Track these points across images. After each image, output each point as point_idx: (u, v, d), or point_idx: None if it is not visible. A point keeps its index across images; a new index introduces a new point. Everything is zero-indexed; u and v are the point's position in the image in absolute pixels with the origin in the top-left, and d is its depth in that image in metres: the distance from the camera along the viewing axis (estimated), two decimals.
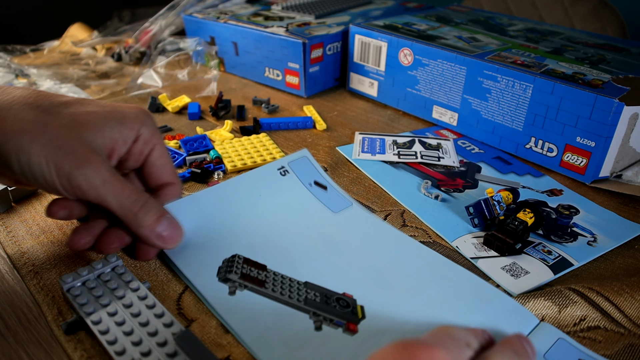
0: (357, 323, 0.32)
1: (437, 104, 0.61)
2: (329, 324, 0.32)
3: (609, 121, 0.46)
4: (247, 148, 0.55)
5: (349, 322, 0.32)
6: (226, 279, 0.34)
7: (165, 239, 0.34)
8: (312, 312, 0.32)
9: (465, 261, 0.39)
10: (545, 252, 0.40)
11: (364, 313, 0.33)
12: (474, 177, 0.51)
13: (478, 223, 0.43)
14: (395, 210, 0.45)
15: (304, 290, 0.34)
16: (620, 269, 0.39)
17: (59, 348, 0.30)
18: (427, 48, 0.60)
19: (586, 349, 0.31)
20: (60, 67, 0.81)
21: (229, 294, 0.33)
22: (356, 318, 0.32)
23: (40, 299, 0.34)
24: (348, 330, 0.31)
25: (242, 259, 0.36)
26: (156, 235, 0.34)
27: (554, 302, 0.34)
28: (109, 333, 0.30)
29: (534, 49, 0.59)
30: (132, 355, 0.28)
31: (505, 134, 0.55)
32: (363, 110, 0.67)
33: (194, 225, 0.39)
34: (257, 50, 0.72)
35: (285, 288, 0.34)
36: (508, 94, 0.54)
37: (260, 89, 0.73)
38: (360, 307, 0.33)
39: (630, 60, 0.57)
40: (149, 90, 0.72)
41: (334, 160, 0.53)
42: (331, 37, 0.68)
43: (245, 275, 0.35)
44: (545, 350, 0.31)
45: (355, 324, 0.32)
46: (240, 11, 0.80)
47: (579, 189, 0.50)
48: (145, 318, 0.31)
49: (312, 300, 0.33)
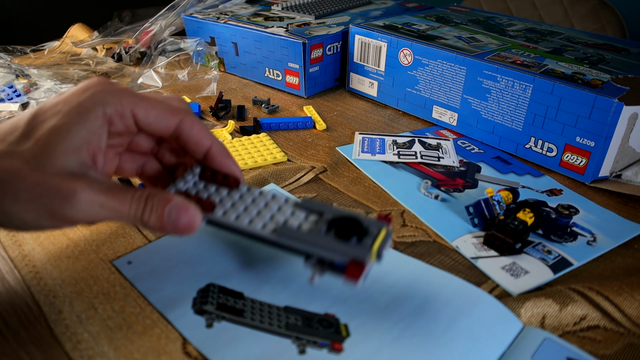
0: (342, 342, 0.31)
1: (437, 104, 0.61)
2: (313, 346, 0.31)
3: (608, 121, 0.46)
4: (248, 148, 0.55)
5: (333, 342, 0.31)
6: (202, 310, 0.33)
7: (178, 227, 0.31)
8: (295, 337, 0.31)
9: (466, 261, 0.39)
10: (545, 252, 0.40)
11: (349, 331, 0.32)
12: (473, 177, 0.51)
13: (478, 223, 0.43)
14: (395, 210, 0.45)
15: (284, 316, 0.33)
16: (620, 268, 0.39)
17: (59, 348, 0.30)
18: (427, 48, 0.60)
19: (574, 347, 0.31)
20: (61, 68, 0.81)
21: (207, 327, 0.32)
22: (340, 337, 0.31)
23: (40, 299, 0.34)
24: (333, 350, 0.30)
25: (217, 288, 0.35)
26: (169, 229, 0.31)
27: (554, 301, 0.34)
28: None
29: (533, 49, 0.59)
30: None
31: (505, 134, 0.55)
32: (363, 110, 0.67)
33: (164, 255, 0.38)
34: (257, 50, 0.72)
35: (265, 315, 0.33)
36: (508, 94, 0.54)
37: (260, 89, 0.73)
38: (344, 325, 0.32)
39: (629, 60, 0.57)
40: (149, 90, 0.72)
41: (334, 160, 0.54)
42: (331, 37, 0.68)
43: (221, 305, 0.33)
44: (533, 351, 0.30)
45: (339, 342, 0.31)
46: (240, 11, 0.80)
47: (579, 188, 0.50)
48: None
49: (293, 324, 0.32)
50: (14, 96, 0.67)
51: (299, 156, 0.55)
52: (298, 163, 0.53)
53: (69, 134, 0.30)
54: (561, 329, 0.33)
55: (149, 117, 0.33)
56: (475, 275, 0.38)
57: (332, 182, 0.50)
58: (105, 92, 0.32)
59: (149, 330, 0.32)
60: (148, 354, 0.30)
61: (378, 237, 0.30)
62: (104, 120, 0.31)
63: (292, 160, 0.54)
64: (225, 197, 0.34)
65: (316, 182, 0.50)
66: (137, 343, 0.31)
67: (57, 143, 0.29)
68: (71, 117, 0.30)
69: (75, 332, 0.31)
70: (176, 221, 0.31)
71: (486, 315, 0.33)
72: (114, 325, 0.32)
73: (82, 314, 0.33)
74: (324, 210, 0.32)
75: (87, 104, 0.31)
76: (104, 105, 0.31)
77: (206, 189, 0.35)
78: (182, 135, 0.34)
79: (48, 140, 0.29)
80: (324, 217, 0.32)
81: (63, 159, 0.29)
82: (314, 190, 0.48)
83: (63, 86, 0.71)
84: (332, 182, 0.50)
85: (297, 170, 0.51)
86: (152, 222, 0.31)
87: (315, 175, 0.51)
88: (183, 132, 0.34)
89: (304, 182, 0.49)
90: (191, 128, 0.34)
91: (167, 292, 0.34)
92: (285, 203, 0.34)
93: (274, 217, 0.32)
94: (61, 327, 0.32)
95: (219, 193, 0.34)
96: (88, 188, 0.29)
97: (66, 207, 0.29)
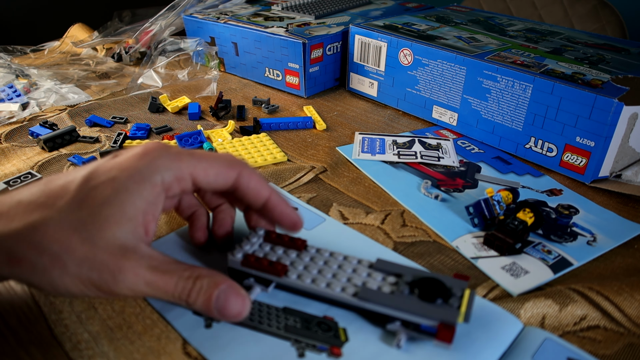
0: (341, 346, 0.31)
1: (437, 104, 0.61)
2: (312, 349, 0.30)
3: (608, 121, 0.46)
4: (248, 148, 0.55)
5: (332, 347, 0.30)
6: None
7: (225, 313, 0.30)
8: (294, 339, 0.31)
9: (466, 261, 0.39)
10: (545, 252, 0.40)
11: (347, 335, 0.31)
12: (473, 177, 0.51)
13: (478, 223, 0.43)
14: (395, 210, 0.45)
15: (283, 317, 0.32)
16: (620, 268, 0.39)
17: (58, 348, 0.30)
18: (427, 48, 0.60)
19: (574, 347, 0.31)
20: (61, 68, 0.81)
21: (205, 327, 0.32)
22: (339, 341, 0.31)
23: (40, 299, 0.34)
24: (332, 354, 0.30)
25: None
26: (215, 314, 0.31)
27: (554, 302, 0.34)
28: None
29: (533, 49, 0.59)
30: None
31: (505, 134, 0.55)
32: (363, 110, 0.67)
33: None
34: (257, 50, 0.72)
35: (264, 316, 0.32)
36: (508, 94, 0.54)
37: (260, 89, 0.73)
38: (343, 329, 0.32)
39: (629, 60, 0.57)
40: (149, 90, 0.72)
41: (334, 160, 0.54)
42: (331, 37, 0.68)
43: None
44: (533, 352, 0.30)
45: (338, 347, 0.30)
46: (240, 11, 0.80)
47: (579, 188, 0.50)
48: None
49: (292, 326, 0.32)
50: (13, 96, 0.67)
51: (299, 156, 0.55)
52: (298, 163, 0.53)
53: (123, 204, 0.29)
54: (561, 329, 0.33)
55: (208, 176, 0.33)
56: (475, 276, 0.38)
57: (332, 182, 0.50)
58: (163, 157, 0.31)
59: (149, 331, 0.32)
60: (148, 354, 0.30)
61: (463, 299, 0.30)
62: (162, 188, 0.31)
63: (292, 160, 0.54)
64: (296, 259, 0.34)
65: (316, 182, 0.50)
66: (137, 343, 0.31)
67: (110, 214, 0.29)
68: (128, 186, 0.29)
69: (75, 332, 0.31)
70: (223, 308, 0.30)
71: (486, 315, 0.33)
72: (114, 325, 0.32)
73: (82, 314, 0.33)
74: (402, 271, 0.32)
75: (145, 172, 0.30)
76: (162, 173, 0.31)
77: (274, 251, 0.35)
78: (240, 188, 0.34)
79: (100, 210, 0.29)
80: (403, 278, 0.31)
81: (115, 230, 0.29)
82: (314, 190, 0.48)
83: (63, 86, 0.71)
84: (332, 182, 0.50)
85: (297, 170, 0.51)
86: (198, 305, 0.30)
87: (315, 175, 0.51)
88: (241, 185, 0.34)
89: (304, 182, 0.49)
90: (249, 180, 0.34)
91: None
92: (359, 264, 0.33)
93: (351, 280, 0.32)
94: (61, 327, 0.32)
95: (287, 255, 0.34)
96: (136, 265, 0.29)
97: (112, 283, 0.28)
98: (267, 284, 0.34)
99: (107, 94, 0.71)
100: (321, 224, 0.42)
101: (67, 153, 0.54)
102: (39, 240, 0.28)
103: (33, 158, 0.53)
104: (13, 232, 0.28)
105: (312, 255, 0.34)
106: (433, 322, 0.29)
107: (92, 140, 0.57)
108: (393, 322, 0.31)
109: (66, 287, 0.28)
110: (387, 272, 0.33)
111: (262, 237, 0.36)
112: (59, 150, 0.55)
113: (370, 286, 0.32)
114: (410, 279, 0.31)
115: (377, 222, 0.43)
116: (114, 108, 0.66)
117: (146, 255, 0.30)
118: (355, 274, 0.33)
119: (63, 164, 0.52)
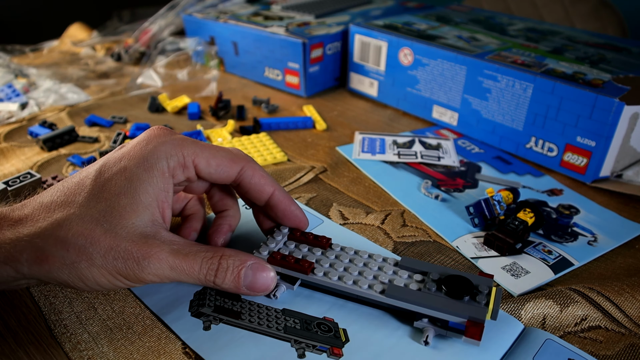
0: (342, 347, 0.30)
1: (437, 103, 0.61)
2: (312, 350, 0.30)
3: (609, 121, 0.46)
4: (248, 148, 0.55)
5: (332, 347, 0.30)
6: (199, 313, 0.32)
7: (255, 289, 0.32)
8: (294, 340, 0.31)
9: (466, 261, 0.39)
10: (546, 252, 0.40)
11: (347, 336, 0.31)
12: (474, 177, 0.51)
13: (478, 223, 0.43)
14: (395, 210, 0.45)
15: (282, 318, 0.32)
16: (621, 268, 0.39)
17: (58, 349, 0.30)
18: (427, 48, 0.59)
19: (576, 347, 0.31)
20: (60, 67, 0.81)
21: (204, 329, 0.31)
22: (340, 342, 0.31)
23: (40, 299, 0.34)
24: (332, 354, 0.30)
25: (214, 291, 0.34)
26: (244, 290, 0.32)
27: (555, 302, 0.34)
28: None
29: (534, 48, 0.59)
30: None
31: (506, 134, 0.55)
32: (363, 110, 0.67)
33: None
34: (256, 50, 0.72)
35: (263, 317, 0.32)
36: (508, 93, 0.53)
37: (260, 89, 0.73)
38: (343, 330, 0.32)
39: (630, 60, 0.57)
40: (149, 90, 0.72)
41: (334, 160, 0.53)
42: (331, 37, 0.68)
43: (219, 308, 0.33)
44: (534, 353, 0.30)
45: (339, 347, 0.30)
46: (240, 11, 0.80)
47: (579, 188, 0.50)
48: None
49: (292, 327, 0.32)
50: (12, 96, 0.67)
51: (299, 156, 0.54)
52: (298, 163, 0.53)
53: (137, 193, 0.30)
54: (562, 329, 0.33)
55: (210, 166, 0.33)
56: None
57: (332, 182, 0.50)
58: (167, 144, 0.32)
59: (149, 331, 0.32)
60: (148, 354, 0.30)
61: (491, 296, 0.30)
62: (169, 174, 0.32)
63: (292, 160, 0.54)
64: (321, 257, 0.34)
65: (316, 182, 0.49)
66: (136, 343, 0.31)
67: (127, 204, 0.30)
68: (139, 174, 0.31)
69: (75, 333, 0.31)
70: (253, 283, 0.32)
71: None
72: (113, 326, 0.32)
73: (82, 315, 0.33)
74: (428, 269, 0.32)
75: (151, 159, 0.31)
76: (167, 159, 0.32)
77: (299, 249, 0.35)
78: (243, 183, 0.34)
79: (118, 201, 0.30)
80: (429, 275, 0.32)
81: (134, 219, 0.30)
82: (314, 190, 0.48)
83: (62, 86, 0.71)
84: (332, 182, 0.50)
85: (297, 170, 0.51)
86: (227, 284, 0.31)
87: (315, 175, 0.51)
88: (245, 180, 0.34)
89: (304, 182, 0.49)
90: (253, 176, 0.34)
91: (163, 295, 0.34)
92: (384, 262, 0.34)
93: (378, 277, 0.32)
94: (61, 328, 0.32)
95: (313, 253, 0.34)
96: (159, 251, 0.30)
97: (138, 270, 0.29)
98: (292, 282, 0.34)
99: (106, 93, 0.71)
100: (319, 226, 0.42)
101: (67, 153, 0.54)
102: (64, 235, 0.28)
103: (32, 158, 0.53)
104: (39, 231, 0.28)
105: (337, 253, 0.35)
106: (462, 319, 0.29)
107: (91, 140, 0.57)
108: (420, 320, 0.31)
109: (95, 279, 0.29)
110: (412, 270, 0.33)
111: (286, 235, 0.36)
112: (58, 150, 0.55)
113: (397, 283, 0.32)
114: (437, 277, 0.32)
115: (377, 222, 0.43)
116: (114, 108, 0.66)
117: (167, 240, 0.31)
118: (381, 272, 0.33)
119: (62, 164, 0.52)
